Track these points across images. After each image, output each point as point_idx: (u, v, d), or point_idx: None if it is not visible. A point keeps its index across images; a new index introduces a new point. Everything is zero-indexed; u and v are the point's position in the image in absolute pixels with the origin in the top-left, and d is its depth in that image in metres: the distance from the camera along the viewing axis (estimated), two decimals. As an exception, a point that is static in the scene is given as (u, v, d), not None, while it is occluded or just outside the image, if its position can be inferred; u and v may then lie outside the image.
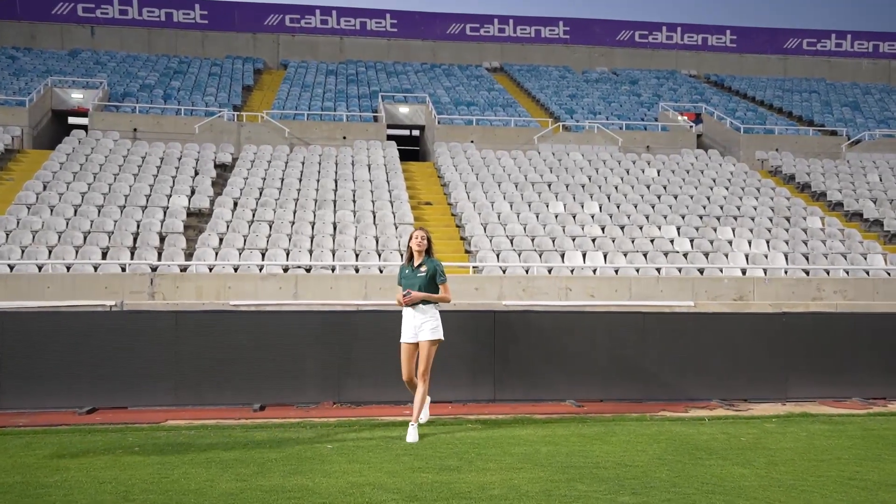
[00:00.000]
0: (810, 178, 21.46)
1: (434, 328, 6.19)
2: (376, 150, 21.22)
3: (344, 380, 7.96)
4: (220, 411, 7.52)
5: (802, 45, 37.45)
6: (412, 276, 6.24)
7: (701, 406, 8.08)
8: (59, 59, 29.10)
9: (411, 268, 6.26)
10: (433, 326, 6.20)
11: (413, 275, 6.24)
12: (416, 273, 6.23)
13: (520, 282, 12.20)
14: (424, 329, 6.20)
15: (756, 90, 33.02)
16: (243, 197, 16.84)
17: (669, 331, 8.44)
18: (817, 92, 32.93)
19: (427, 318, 6.21)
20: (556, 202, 17.76)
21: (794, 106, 30.10)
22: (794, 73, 36.80)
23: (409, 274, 6.25)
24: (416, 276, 6.22)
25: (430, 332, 6.18)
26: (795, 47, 37.42)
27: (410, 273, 6.25)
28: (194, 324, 7.85)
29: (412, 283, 6.21)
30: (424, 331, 6.20)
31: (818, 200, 20.37)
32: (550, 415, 7.50)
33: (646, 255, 14.94)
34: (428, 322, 6.20)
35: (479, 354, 8.09)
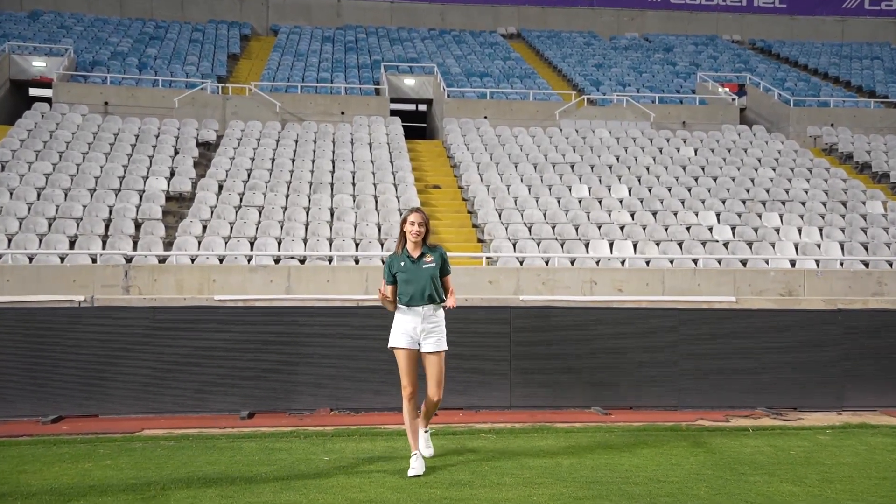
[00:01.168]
0: (871, 156, 21.27)
1: (441, 337, 5.65)
2: (378, 126, 21.18)
3: (342, 384, 7.96)
4: (203, 419, 7.53)
5: (864, 5, 36.99)
6: (416, 270, 5.59)
7: (744, 415, 8.04)
8: (18, 23, 29.11)
9: (410, 259, 5.63)
10: (441, 335, 5.64)
11: (417, 267, 5.60)
12: (422, 265, 5.60)
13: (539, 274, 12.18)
14: (431, 338, 5.61)
15: (809, 57, 32.72)
16: (229, 179, 16.86)
17: (708, 330, 8.39)
18: (881, 58, 32.53)
19: (435, 322, 5.63)
20: (580, 185, 17.69)
21: (854, 75, 29.81)
22: (853, 38, 36.39)
23: (412, 267, 5.60)
24: (423, 269, 5.59)
25: (437, 343, 5.62)
26: (856, 7, 36.97)
27: (412, 265, 5.61)
28: (174, 321, 7.86)
29: (419, 278, 5.57)
30: (431, 339, 5.61)
31: (880, 182, 20.19)
32: (573, 423, 7.48)
33: (681, 245, 14.87)
34: (436, 329, 5.63)
35: (493, 356, 8.07)
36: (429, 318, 5.61)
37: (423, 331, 5.60)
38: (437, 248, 5.75)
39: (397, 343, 5.64)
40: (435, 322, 5.64)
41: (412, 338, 5.61)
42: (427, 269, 5.62)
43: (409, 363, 5.63)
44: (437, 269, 5.65)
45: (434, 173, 19.31)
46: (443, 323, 5.68)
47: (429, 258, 5.65)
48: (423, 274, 5.60)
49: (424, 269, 5.62)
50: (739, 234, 15.62)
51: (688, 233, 15.47)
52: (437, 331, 5.64)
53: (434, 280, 5.62)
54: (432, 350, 5.62)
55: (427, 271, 5.62)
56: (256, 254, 12.94)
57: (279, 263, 12.81)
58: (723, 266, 13.80)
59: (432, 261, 5.64)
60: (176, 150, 18.58)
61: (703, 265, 13.55)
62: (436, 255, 5.69)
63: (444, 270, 5.73)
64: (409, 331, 5.61)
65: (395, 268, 5.68)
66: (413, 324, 5.61)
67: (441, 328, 5.66)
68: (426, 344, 5.61)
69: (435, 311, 5.64)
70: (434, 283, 5.61)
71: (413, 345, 5.61)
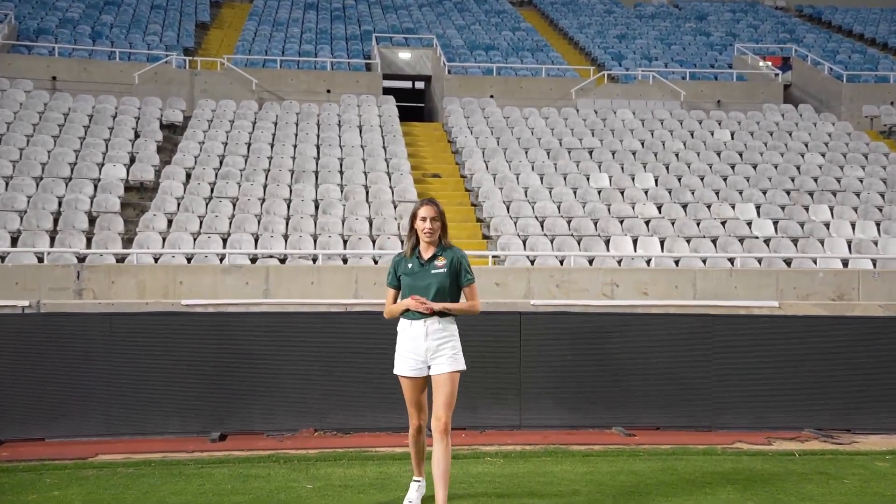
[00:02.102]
0: (932, 141, 21.24)
1: (455, 353, 5.22)
2: (369, 107, 21.15)
3: (328, 400, 7.93)
4: (167, 442, 7.50)
5: (931, -37, 36.85)
6: (424, 274, 5.23)
7: (789, 437, 8.00)
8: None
9: (419, 261, 5.26)
10: (454, 351, 5.22)
11: (425, 271, 5.23)
12: (431, 268, 5.23)
13: (552, 275, 12.16)
14: (442, 355, 5.19)
15: (865, 25, 32.63)
16: (198, 167, 16.84)
17: (746, 339, 8.35)
18: (952, 26, 32.40)
19: (445, 337, 5.21)
20: (600, 174, 17.66)
21: (918, 45, 29.72)
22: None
23: (419, 270, 5.24)
24: (432, 274, 5.22)
25: (450, 360, 5.19)
26: (921, -34, 36.82)
27: (420, 269, 5.24)
28: (135, 329, 7.83)
29: (426, 284, 5.20)
30: (442, 358, 5.18)
31: (944, 170, 20.13)
32: (592, 446, 7.45)
33: (715, 242, 14.84)
34: (447, 344, 5.20)
35: (500, 368, 8.04)
36: (435, 334, 5.19)
37: (430, 349, 5.19)
38: (452, 250, 5.31)
39: (400, 370, 5.27)
40: (443, 337, 5.20)
41: (417, 361, 5.20)
42: (437, 274, 5.22)
43: (415, 393, 5.26)
44: (448, 275, 5.22)
45: (433, 160, 19.27)
46: (456, 336, 5.26)
47: (440, 261, 5.24)
48: (429, 280, 5.21)
49: (433, 274, 5.22)
50: (783, 230, 15.58)
51: (723, 228, 15.43)
52: (449, 346, 5.21)
53: (443, 289, 5.20)
54: (445, 370, 5.17)
55: (436, 277, 5.21)
56: (230, 252, 12.92)
57: (256, 263, 12.79)
58: (764, 266, 13.77)
59: (444, 265, 5.23)
60: (136, 133, 18.55)
61: (741, 265, 13.52)
62: (451, 257, 5.26)
63: (461, 278, 5.28)
64: (413, 352, 5.21)
65: (401, 269, 5.32)
66: (416, 342, 5.20)
67: (454, 341, 5.24)
68: (437, 364, 5.19)
69: (442, 326, 5.20)
70: (441, 292, 5.20)
71: (420, 371, 5.21)
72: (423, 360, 5.18)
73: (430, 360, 5.18)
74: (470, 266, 5.33)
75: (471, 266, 5.36)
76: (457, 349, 5.23)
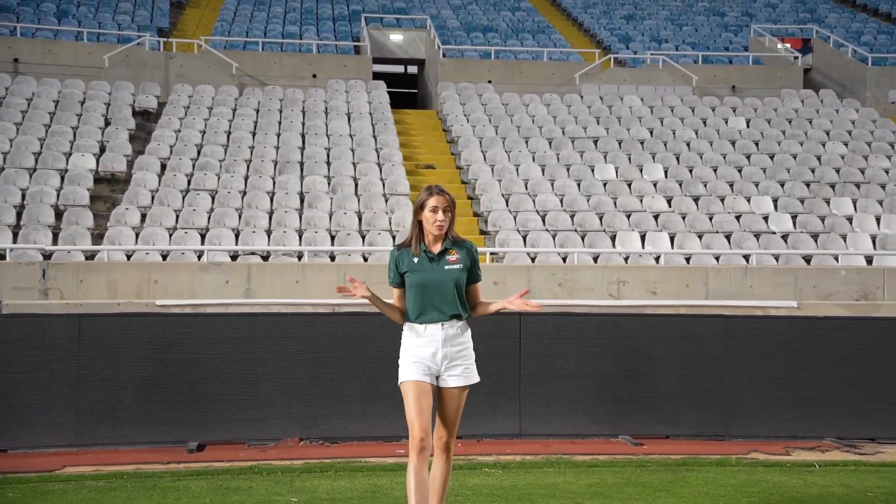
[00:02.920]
0: (964, 129, 21.25)
1: (470, 365, 5.00)
2: (358, 93, 21.12)
3: (314, 408, 7.93)
4: (140, 453, 7.50)
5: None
6: (437, 271, 4.96)
7: (809, 446, 8.03)
8: None
9: (427, 255, 4.98)
10: (469, 362, 5.01)
11: (437, 267, 4.96)
12: (444, 264, 4.97)
13: (555, 273, 12.18)
14: (457, 366, 4.96)
15: (892, 3, 32.59)
16: (174, 157, 16.82)
17: (763, 342, 8.38)
18: None
19: (462, 345, 4.99)
20: (605, 165, 17.67)
21: (949, 26, 29.79)
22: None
23: (430, 266, 4.97)
24: (446, 271, 4.96)
25: (465, 373, 4.97)
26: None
27: (430, 264, 4.97)
28: (105, 332, 7.82)
29: (441, 282, 4.94)
30: (457, 369, 4.95)
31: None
32: (597, 456, 7.47)
33: (729, 238, 14.87)
34: (463, 353, 4.98)
35: (499, 373, 8.05)
36: (453, 340, 4.94)
37: (447, 357, 4.92)
38: (465, 245, 5.06)
39: (408, 375, 4.90)
40: (461, 343, 4.97)
41: (430, 368, 4.90)
42: (451, 270, 4.95)
43: (422, 403, 4.86)
44: (464, 272, 4.98)
45: (427, 150, 19.26)
46: (471, 344, 5.04)
47: (454, 256, 4.98)
48: (444, 277, 4.93)
49: (447, 270, 4.94)
50: (802, 225, 15.61)
51: (738, 223, 15.46)
52: (465, 356, 4.97)
53: (459, 287, 4.96)
54: (460, 384, 4.95)
55: (451, 274, 4.94)
56: (209, 248, 12.91)
57: (237, 260, 12.79)
58: (781, 264, 13.80)
59: (458, 260, 4.97)
60: (107, 121, 18.51)
61: (757, 262, 13.54)
62: (463, 252, 5.01)
63: (472, 275, 5.06)
64: (424, 359, 4.89)
65: (404, 265, 4.99)
66: (430, 349, 4.90)
67: (470, 351, 5.01)
68: (450, 376, 4.93)
69: (460, 331, 4.97)
70: (458, 290, 4.96)
71: (430, 378, 4.90)
72: (435, 369, 4.91)
73: (444, 371, 4.92)
74: (479, 262, 5.14)
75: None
76: (471, 359, 5.02)
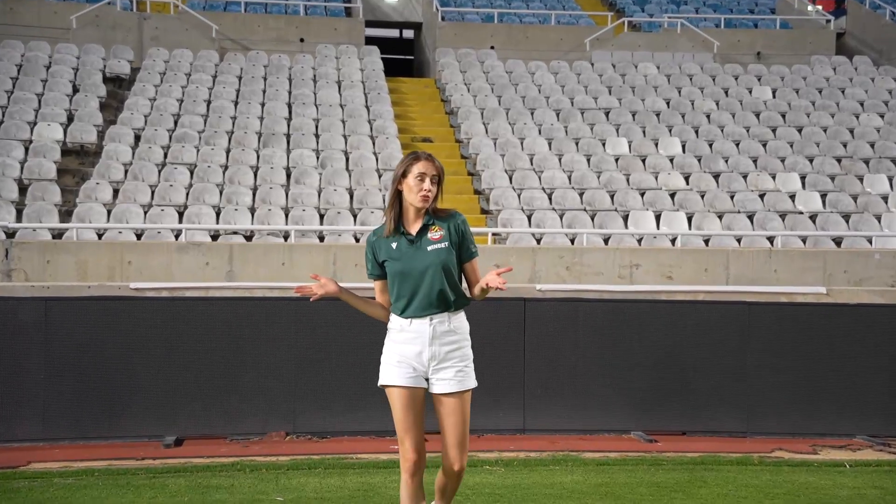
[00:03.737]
0: None
1: (466, 367, 4.56)
2: (350, 59, 21.04)
3: (301, 400, 7.93)
4: (113, 448, 7.50)
5: None
6: (418, 254, 4.53)
7: (839, 444, 8.03)
8: None
9: (406, 237, 4.56)
10: (465, 361, 4.58)
11: (418, 250, 4.53)
12: (425, 244, 4.54)
13: (562, 256, 12.16)
14: (449, 367, 4.52)
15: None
16: (149, 128, 16.76)
17: (788, 331, 8.37)
18: None
19: (456, 342, 4.56)
20: (618, 138, 17.63)
21: None
22: None
23: (409, 250, 4.54)
24: (428, 252, 4.52)
25: (460, 375, 4.52)
26: None
27: (410, 248, 4.54)
28: (75, 317, 7.81)
29: (425, 267, 4.50)
30: (449, 370, 4.51)
31: None
32: (607, 453, 7.48)
33: (752, 218, 14.85)
34: (457, 352, 4.56)
35: (501, 363, 8.04)
36: (443, 337, 4.51)
37: (435, 357, 4.49)
38: (450, 217, 4.63)
39: (391, 378, 4.49)
40: (454, 342, 4.54)
41: (415, 370, 4.49)
42: (435, 251, 4.51)
43: (410, 412, 4.46)
44: (451, 250, 4.55)
45: (424, 122, 19.22)
46: (467, 341, 4.60)
47: (436, 233, 4.54)
48: (428, 261, 4.50)
49: (431, 252, 4.51)
50: (832, 204, 15.59)
51: (762, 202, 15.43)
52: (459, 355, 4.54)
53: (448, 269, 4.52)
54: (453, 390, 4.49)
55: (435, 256, 4.50)
56: (187, 227, 12.87)
57: (218, 240, 12.76)
58: (809, 246, 13.78)
59: (442, 237, 4.54)
60: (75, 87, 18.42)
61: (782, 244, 13.52)
62: (447, 226, 4.58)
63: (464, 251, 4.63)
64: (409, 358, 4.49)
65: (382, 252, 4.59)
66: (417, 347, 4.49)
67: (465, 349, 4.58)
68: (440, 380, 4.50)
69: (453, 324, 4.53)
70: (447, 274, 4.52)
71: (418, 381, 4.49)
72: (425, 369, 4.49)
73: (433, 373, 4.49)
74: (471, 235, 4.70)
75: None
76: (468, 358, 4.58)
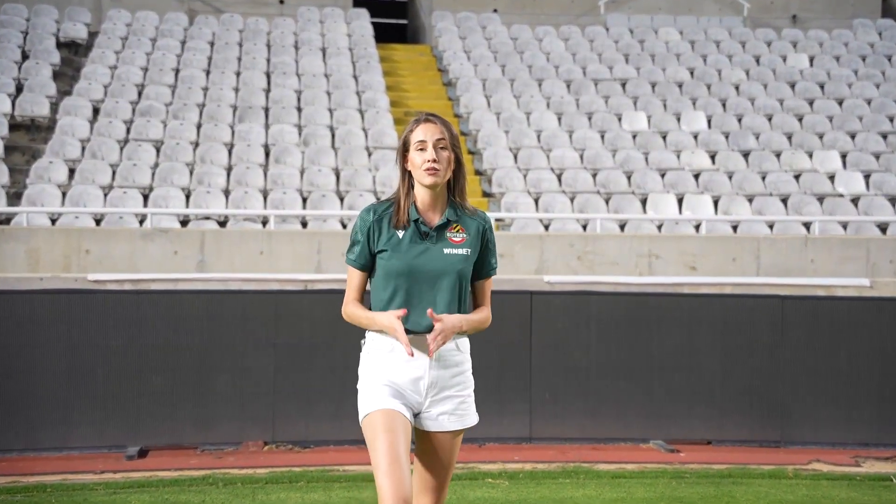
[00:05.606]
0: None
1: (467, 398, 4.11)
2: (336, 23, 20.97)
3: (281, 406, 7.93)
4: (68, 461, 7.50)
5: None
6: (431, 253, 4.00)
7: (883, 456, 8.06)
8: None
9: (421, 226, 4.01)
10: (465, 394, 4.11)
11: (433, 248, 4.00)
12: (443, 245, 4.02)
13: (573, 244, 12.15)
14: (448, 398, 4.05)
15: None
16: (109, 99, 16.71)
17: (827, 328, 8.37)
18: None
19: (458, 366, 4.10)
20: (635, 113, 17.59)
21: None
22: None
23: (419, 244, 4.01)
24: (445, 255, 4.01)
25: (461, 413, 4.07)
26: None
27: (421, 243, 4.01)
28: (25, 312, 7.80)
29: (437, 274, 4.00)
30: (448, 403, 4.05)
31: None
32: (623, 465, 7.49)
33: (785, 202, 14.83)
34: (458, 380, 4.09)
35: (505, 364, 8.04)
36: (447, 360, 4.03)
37: (435, 385, 4.01)
38: (477, 218, 4.11)
39: (378, 402, 3.94)
40: (458, 363, 4.08)
41: (407, 397, 3.99)
42: (453, 256, 3.99)
43: (399, 448, 3.86)
44: (470, 259, 4.04)
45: (419, 94, 19.18)
46: (469, 362, 4.16)
47: (458, 234, 4.02)
48: (442, 265, 3.98)
49: (447, 255, 3.99)
50: (877, 186, 15.58)
51: (797, 183, 15.43)
52: (462, 381, 4.08)
53: (463, 281, 4.03)
54: (452, 427, 4.04)
55: (452, 261, 3.99)
56: (153, 211, 12.85)
57: (188, 226, 12.75)
58: (850, 233, 13.78)
59: (464, 241, 4.02)
60: (24, 54, 18.35)
61: (820, 231, 13.52)
62: (473, 229, 4.06)
63: (483, 264, 4.13)
64: (403, 382, 3.99)
65: (382, 239, 4.03)
66: (411, 373, 3.99)
67: (468, 374, 4.14)
68: (439, 415, 4.03)
69: (458, 347, 4.08)
70: (462, 287, 4.04)
71: (408, 410, 3.97)
72: (420, 400, 4.00)
73: (428, 406, 4.02)
74: (494, 247, 4.20)
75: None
76: (471, 385, 4.14)
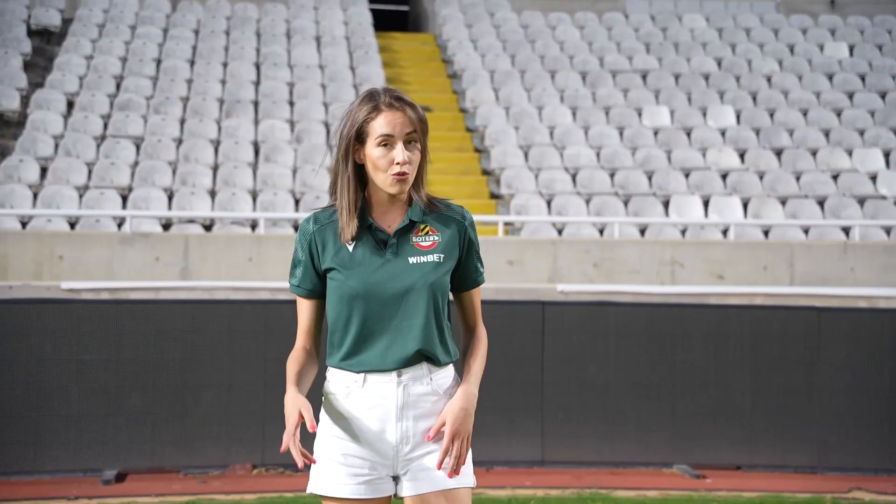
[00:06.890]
0: None
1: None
2: (331, 10, 20.99)
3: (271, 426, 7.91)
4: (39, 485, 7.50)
5: None
6: (392, 265, 3.42)
7: (928, 481, 8.04)
8: None
9: (377, 233, 3.44)
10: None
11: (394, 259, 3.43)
12: (406, 253, 3.44)
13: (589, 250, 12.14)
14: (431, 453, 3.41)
15: None
16: (85, 92, 16.74)
17: (868, 342, 8.34)
18: None
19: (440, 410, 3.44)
20: (657, 107, 17.58)
21: None
22: None
23: (377, 256, 3.42)
24: (409, 265, 3.42)
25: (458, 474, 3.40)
26: None
27: (379, 254, 3.42)
28: (-5, 323, 7.80)
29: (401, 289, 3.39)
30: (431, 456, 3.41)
31: None
32: (645, 492, 7.49)
33: (822, 204, 14.82)
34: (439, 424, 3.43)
35: (515, 381, 8.03)
36: (420, 404, 3.43)
37: (407, 439, 3.42)
38: (451, 214, 3.54)
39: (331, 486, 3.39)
40: (437, 413, 3.44)
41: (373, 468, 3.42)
42: (420, 266, 3.43)
43: None
44: (444, 266, 3.47)
45: (421, 88, 19.18)
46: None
47: (427, 237, 3.46)
48: (407, 279, 3.41)
49: (413, 266, 3.42)
50: (921, 187, 15.59)
51: (835, 184, 15.42)
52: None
53: (437, 297, 3.44)
54: (440, 487, 3.41)
55: (419, 273, 3.42)
56: (132, 214, 12.86)
57: (170, 230, 12.77)
58: (893, 238, 13.79)
59: (435, 245, 3.45)
60: (-5, 44, 18.44)
61: (861, 237, 13.52)
62: (447, 229, 3.50)
63: (465, 273, 3.56)
64: (367, 440, 3.41)
65: (328, 255, 3.44)
66: (376, 424, 3.40)
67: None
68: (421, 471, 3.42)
69: (435, 383, 3.45)
70: (435, 305, 3.44)
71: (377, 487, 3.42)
72: (390, 462, 3.42)
73: (404, 465, 3.43)
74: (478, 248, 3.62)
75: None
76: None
